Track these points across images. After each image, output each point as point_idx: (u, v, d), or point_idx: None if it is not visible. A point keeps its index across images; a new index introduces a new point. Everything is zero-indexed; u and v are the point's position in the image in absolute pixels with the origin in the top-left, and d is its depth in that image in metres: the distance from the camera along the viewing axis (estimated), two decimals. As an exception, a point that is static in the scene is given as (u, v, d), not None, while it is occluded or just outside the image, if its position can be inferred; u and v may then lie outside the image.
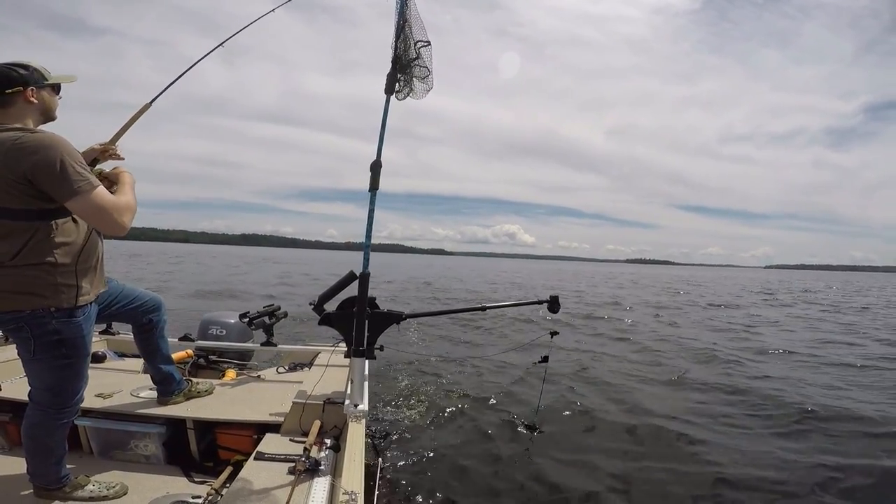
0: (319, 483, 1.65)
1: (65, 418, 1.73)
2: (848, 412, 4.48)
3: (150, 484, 1.94)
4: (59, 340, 1.59)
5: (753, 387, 5.44)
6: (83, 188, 1.44)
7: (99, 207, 1.47)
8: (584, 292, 21.12)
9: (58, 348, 1.60)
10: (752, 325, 11.34)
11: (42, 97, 1.62)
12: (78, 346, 1.65)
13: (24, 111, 1.57)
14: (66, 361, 1.64)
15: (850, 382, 5.81)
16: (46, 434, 1.71)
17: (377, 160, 2.19)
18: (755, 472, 3.30)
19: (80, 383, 1.73)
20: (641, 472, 3.27)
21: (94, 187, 1.47)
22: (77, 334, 1.63)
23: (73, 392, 1.72)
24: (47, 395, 1.68)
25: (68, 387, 1.69)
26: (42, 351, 1.59)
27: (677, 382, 5.67)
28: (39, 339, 1.56)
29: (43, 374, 1.66)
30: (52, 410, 1.69)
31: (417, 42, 2.31)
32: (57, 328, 1.57)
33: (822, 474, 3.26)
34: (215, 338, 3.26)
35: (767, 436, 3.99)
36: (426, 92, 2.43)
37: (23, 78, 1.56)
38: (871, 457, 3.54)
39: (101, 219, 1.50)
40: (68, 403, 1.72)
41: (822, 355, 7.54)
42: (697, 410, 4.60)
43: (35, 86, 1.59)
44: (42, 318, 1.55)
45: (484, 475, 3.16)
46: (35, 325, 1.55)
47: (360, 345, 2.20)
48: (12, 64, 1.57)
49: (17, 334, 1.59)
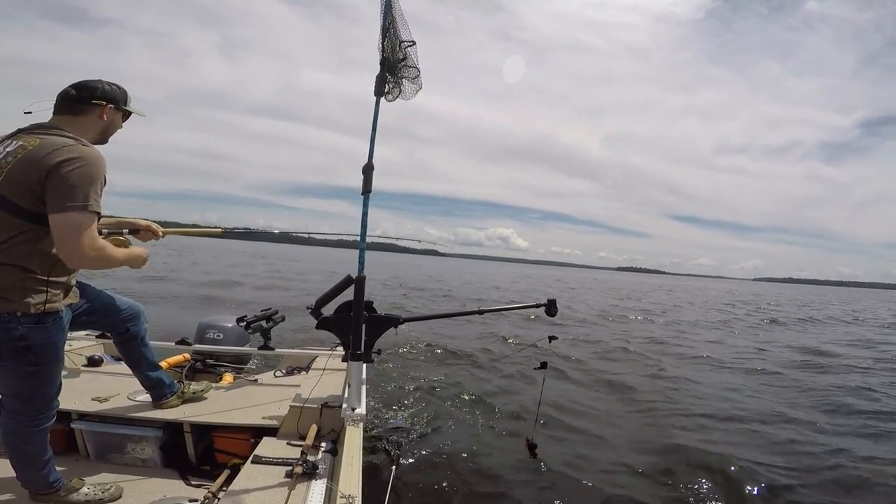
0: (317, 487, 1.65)
1: (40, 425, 1.66)
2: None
3: (146, 487, 1.94)
4: (26, 347, 1.52)
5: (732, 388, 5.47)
6: (77, 206, 1.42)
7: (69, 229, 1.42)
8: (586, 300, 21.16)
9: (25, 355, 1.53)
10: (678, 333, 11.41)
11: (112, 119, 1.69)
12: (47, 353, 1.58)
13: (90, 124, 1.64)
14: (35, 368, 1.57)
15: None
16: (23, 441, 1.65)
17: (369, 163, 2.18)
18: (761, 471, 3.30)
19: (51, 390, 1.67)
20: (642, 475, 3.28)
21: (83, 210, 1.43)
22: (46, 341, 1.56)
23: (46, 398, 1.66)
24: (17, 402, 1.62)
25: (39, 393, 1.63)
26: (8, 358, 1.52)
27: (677, 386, 5.70)
28: (5, 344, 1.50)
29: (10, 381, 1.59)
30: (24, 418, 1.63)
31: (402, 42, 2.30)
32: (24, 334, 1.50)
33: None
34: (212, 342, 3.26)
35: (778, 439, 4.01)
36: (416, 92, 2.42)
37: (107, 95, 1.66)
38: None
39: (64, 242, 1.44)
40: (42, 410, 1.66)
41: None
42: (700, 414, 4.62)
43: (113, 105, 1.68)
44: (8, 322, 1.48)
45: (482, 480, 3.16)
46: (1, 330, 1.48)
47: (357, 348, 2.20)
48: (111, 82, 1.69)
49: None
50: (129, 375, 2.79)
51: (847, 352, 9.74)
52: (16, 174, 1.43)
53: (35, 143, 1.47)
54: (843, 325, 16.33)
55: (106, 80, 1.70)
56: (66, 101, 1.61)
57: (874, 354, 9.57)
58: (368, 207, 2.21)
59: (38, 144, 1.47)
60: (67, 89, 1.62)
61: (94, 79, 1.67)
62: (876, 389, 6.12)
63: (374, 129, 2.22)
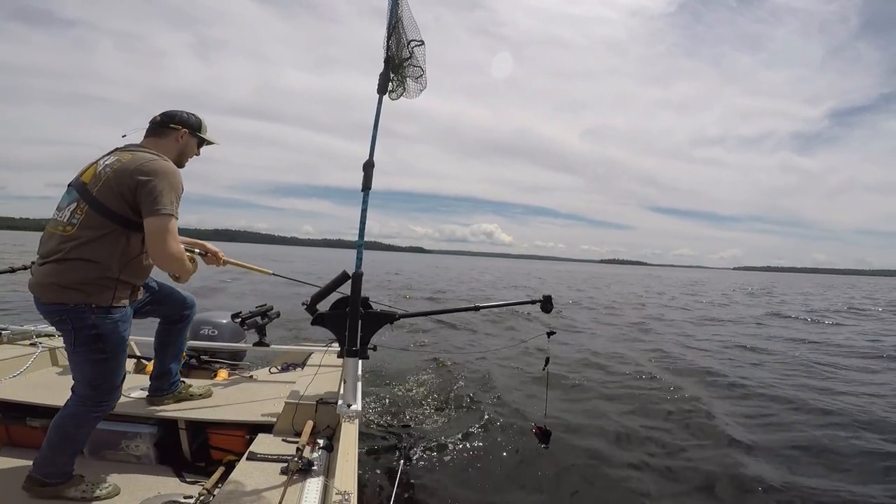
0: (312, 483, 1.65)
1: (99, 412, 1.84)
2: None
3: (141, 484, 1.93)
4: (96, 335, 1.73)
5: (747, 383, 5.51)
6: (163, 211, 1.71)
7: (162, 232, 1.71)
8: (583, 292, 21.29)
9: (95, 343, 1.74)
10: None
11: (187, 143, 2.01)
12: (114, 342, 1.79)
13: (170, 146, 1.95)
14: (103, 356, 1.77)
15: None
16: (76, 425, 1.80)
17: (370, 160, 2.18)
18: (768, 471, 3.33)
19: (116, 379, 1.86)
20: (654, 473, 3.28)
21: (171, 216, 1.73)
22: (113, 330, 1.77)
23: (110, 387, 1.84)
24: (87, 388, 1.80)
25: (106, 380, 1.82)
26: (81, 344, 1.74)
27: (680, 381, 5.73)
28: (79, 332, 1.72)
29: (83, 367, 1.79)
30: (90, 402, 1.81)
31: (411, 42, 2.30)
32: (95, 323, 1.72)
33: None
34: (207, 338, 3.25)
35: (789, 440, 4.04)
36: (419, 91, 2.42)
37: (184, 121, 1.98)
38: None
39: (156, 244, 1.72)
40: (104, 399, 1.83)
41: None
42: (709, 409, 4.65)
43: (189, 131, 1.99)
44: (83, 312, 1.70)
45: (480, 476, 3.17)
46: (76, 319, 1.71)
47: (353, 345, 2.19)
48: (190, 112, 2.02)
49: (60, 326, 1.75)
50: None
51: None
52: (111, 182, 1.71)
53: (127, 157, 1.78)
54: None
55: (192, 113, 2.03)
56: (152, 125, 1.96)
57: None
58: (367, 205, 2.20)
59: (129, 159, 1.77)
60: (155, 116, 1.97)
61: (182, 111, 2.00)
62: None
63: (376, 126, 2.21)
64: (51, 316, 1.75)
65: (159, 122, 1.96)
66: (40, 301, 1.74)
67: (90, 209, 1.71)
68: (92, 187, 1.73)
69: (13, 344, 2.96)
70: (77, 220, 1.71)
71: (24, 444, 2.17)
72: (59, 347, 2.93)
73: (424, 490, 2.93)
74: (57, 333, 3.21)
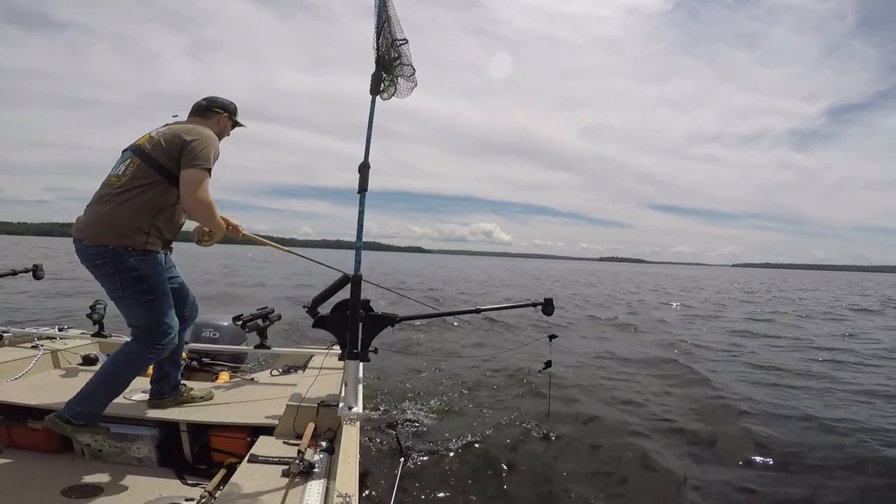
0: (313, 486, 1.65)
1: (153, 355, 2.02)
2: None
3: (142, 486, 1.93)
4: (138, 276, 1.94)
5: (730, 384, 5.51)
6: (199, 165, 1.95)
7: (195, 181, 1.94)
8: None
9: (139, 284, 1.94)
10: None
11: (225, 125, 2.33)
12: (155, 283, 2.00)
13: (211, 126, 2.21)
14: (149, 297, 1.98)
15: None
16: (129, 365, 1.99)
17: (365, 161, 2.19)
18: (771, 471, 3.32)
19: (167, 320, 2.05)
20: (656, 477, 3.28)
21: (205, 171, 1.97)
22: (152, 271, 1.99)
23: (164, 328, 2.03)
24: (142, 331, 2.00)
25: (158, 322, 2.01)
26: (128, 287, 1.94)
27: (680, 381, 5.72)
28: (122, 275, 1.92)
29: (135, 312, 1.99)
30: (147, 345, 2.00)
31: (396, 41, 2.31)
32: (135, 265, 1.93)
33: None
34: (208, 340, 3.25)
35: (797, 431, 4.04)
36: (411, 90, 2.43)
37: (224, 106, 2.31)
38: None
39: (189, 189, 1.94)
40: (159, 340, 2.02)
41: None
42: (708, 409, 4.64)
43: (227, 114, 2.31)
44: (122, 255, 1.91)
45: (481, 478, 3.16)
46: (117, 262, 1.90)
47: (354, 347, 2.20)
48: (228, 100, 2.34)
49: (103, 270, 1.93)
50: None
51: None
52: (162, 142, 2.00)
53: (177, 126, 2.10)
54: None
55: (230, 101, 2.34)
56: (197, 108, 2.26)
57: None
58: (364, 206, 2.21)
59: (178, 126, 2.09)
60: (199, 101, 2.28)
61: (223, 98, 2.32)
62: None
63: (370, 127, 2.22)
64: (94, 259, 1.93)
65: (204, 105, 2.26)
66: (84, 244, 1.93)
67: (141, 162, 1.98)
68: (145, 147, 2.01)
69: (15, 346, 2.97)
70: (129, 172, 1.98)
71: (25, 447, 2.17)
72: (60, 350, 2.94)
73: (426, 492, 2.93)
74: (58, 335, 3.22)
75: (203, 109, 2.26)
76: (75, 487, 1.86)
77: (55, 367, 2.84)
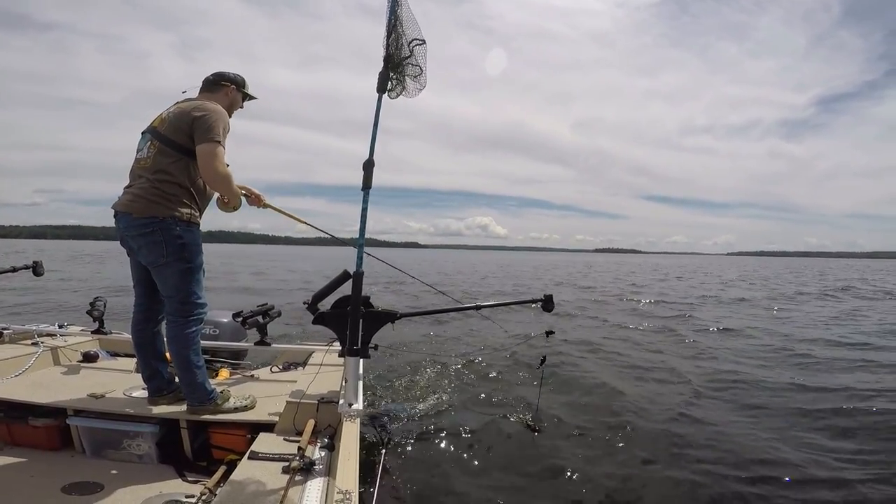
0: (314, 482, 1.65)
1: (191, 327, 2.14)
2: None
3: (143, 483, 1.93)
4: (182, 245, 2.07)
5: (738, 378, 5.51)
6: (213, 139, 2.03)
7: (211, 154, 2.03)
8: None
9: (182, 251, 2.07)
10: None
11: (234, 97, 2.38)
12: (195, 252, 2.13)
13: (221, 99, 2.29)
14: (188, 266, 2.11)
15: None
16: (182, 345, 2.12)
17: (370, 159, 2.18)
18: (760, 467, 3.32)
19: (199, 290, 2.17)
20: (644, 471, 3.28)
21: (216, 143, 2.04)
22: (194, 242, 2.13)
23: (196, 298, 2.16)
24: (175, 303, 2.12)
25: (191, 291, 2.13)
26: (172, 253, 2.06)
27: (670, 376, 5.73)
28: (169, 242, 2.05)
29: (173, 280, 2.10)
30: (180, 319, 2.12)
31: (412, 41, 2.30)
32: (180, 234, 2.07)
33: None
34: (208, 337, 3.24)
35: (775, 427, 4.03)
36: (419, 91, 2.42)
37: (231, 79, 2.36)
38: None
39: (205, 163, 2.03)
40: (192, 311, 2.15)
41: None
42: (698, 405, 4.64)
43: (235, 87, 2.36)
44: (171, 224, 2.05)
45: (481, 474, 3.17)
46: (166, 231, 2.04)
47: (354, 344, 2.19)
48: (235, 73, 2.40)
49: (150, 238, 2.04)
50: (125, 371, 2.79)
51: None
52: (173, 121, 2.09)
53: (185, 103, 2.16)
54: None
55: (238, 74, 2.41)
56: (205, 83, 2.33)
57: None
58: (368, 203, 2.20)
59: (187, 104, 2.15)
60: (208, 76, 2.34)
61: (230, 72, 2.38)
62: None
63: (376, 125, 2.21)
64: (144, 228, 2.04)
65: (212, 80, 2.33)
66: (132, 217, 2.04)
67: (161, 144, 2.09)
68: (160, 128, 2.11)
69: (15, 343, 2.97)
70: (152, 153, 2.10)
71: (25, 444, 2.17)
72: (60, 347, 2.93)
73: (426, 488, 2.93)
74: (58, 332, 3.22)
75: (211, 84, 2.33)
76: (75, 484, 1.86)
77: (55, 363, 2.84)
